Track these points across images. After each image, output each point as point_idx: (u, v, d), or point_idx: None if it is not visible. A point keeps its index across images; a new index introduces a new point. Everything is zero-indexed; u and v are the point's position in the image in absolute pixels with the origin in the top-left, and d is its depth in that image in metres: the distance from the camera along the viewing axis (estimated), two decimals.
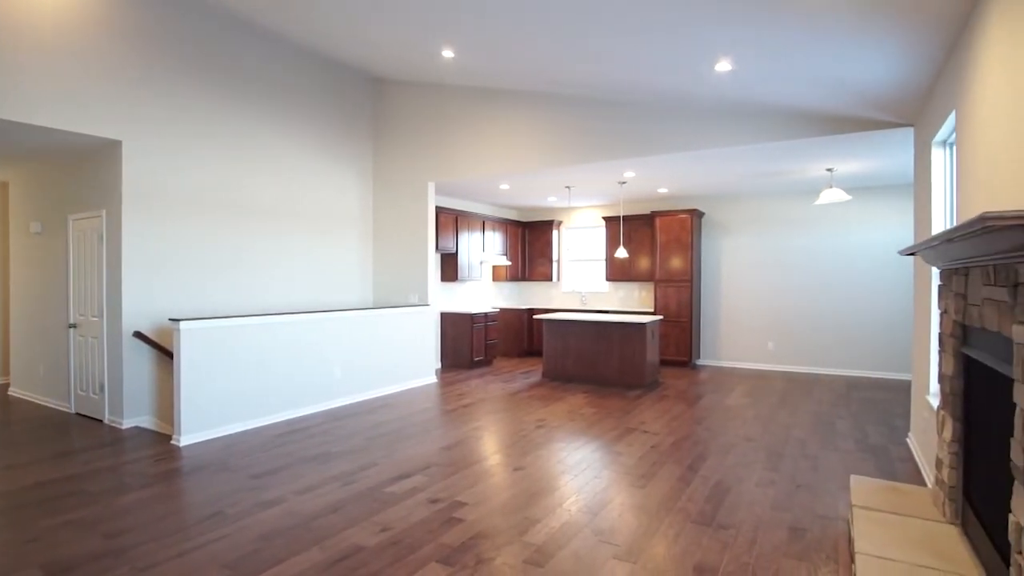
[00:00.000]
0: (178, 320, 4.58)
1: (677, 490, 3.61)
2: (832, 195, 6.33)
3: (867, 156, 5.90)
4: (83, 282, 5.48)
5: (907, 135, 4.98)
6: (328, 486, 3.67)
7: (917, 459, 4.16)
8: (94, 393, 5.39)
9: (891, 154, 5.78)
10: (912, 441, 4.52)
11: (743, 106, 5.24)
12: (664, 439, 4.76)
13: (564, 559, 2.72)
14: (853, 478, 3.04)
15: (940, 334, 2.64)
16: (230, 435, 4.87)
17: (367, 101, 7.55)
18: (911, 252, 2.78)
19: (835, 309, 7.94)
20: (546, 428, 5.11)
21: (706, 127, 5.53)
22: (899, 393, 6.63)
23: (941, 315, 2.64)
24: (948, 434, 2.47)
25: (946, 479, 2.47)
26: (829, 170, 6.59)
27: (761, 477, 3.85)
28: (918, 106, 4.35)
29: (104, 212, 5.17)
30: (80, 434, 4.92)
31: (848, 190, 7.72)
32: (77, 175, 5.52)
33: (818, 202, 6.50)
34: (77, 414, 5.59)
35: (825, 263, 7.99)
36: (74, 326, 5.60)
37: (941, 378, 2.61)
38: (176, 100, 5.36)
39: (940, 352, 2.63)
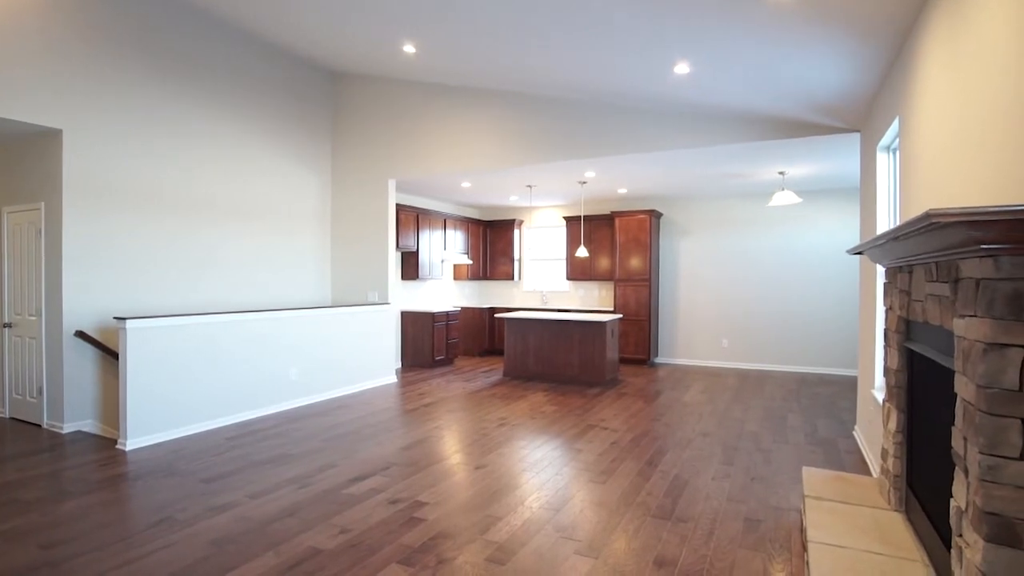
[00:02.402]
0: (124, 319, 4.37)
1: (637, 485, 3.65)
2: (784, 197, 6.54)
3: (817, 160, 6.12)
4: (19, 279, 5.17)
5: (854, 140, 5.19)
6: (283, 489, 3.57)
7: (863, 450, 4.34)
8: (31, 396, 5.10)
9: (839, 158, 6.01)
10: (858, 434, 4.71)
11: (701, 108, 5.36)
12: (624, 435, 4.82)
13: (526, 556, 2.71)
14: (805, 469, 3.15)
15: (885, 330, 2.75)
16: (180, 438, 4.69)
17: (326, 96, 7.39)
18: (858, 251, 2.88)
19: (786, 308, 8.21)
20: (507, 426, 5.11)
21: (665, 128, 5.63)
22: (845, 388, 6.90)
23: (886, 311, 2.76)
24: (893, 425, 2.58)
25: (891, 468, 2.57)
26: (781, 173, 6.81)
27: (717, 471, 3.94)
28: (864, 113, 4.54)
29: (43, 205, 4.90)
30: (15, 439, 4.64)
31: (799, 193, 7.99)
32: (12, 165, 5.21)
33: (770, 204, 6.71)
34: (12, 419, 5.27)
35: (776, 264, 8.26)
36: (9, 325, 5.29)
37: (886, 371, 2.72)
38: (123, 90, 5.12)
39: (885, 347, 2.75)
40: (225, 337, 5.14)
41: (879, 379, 3.97)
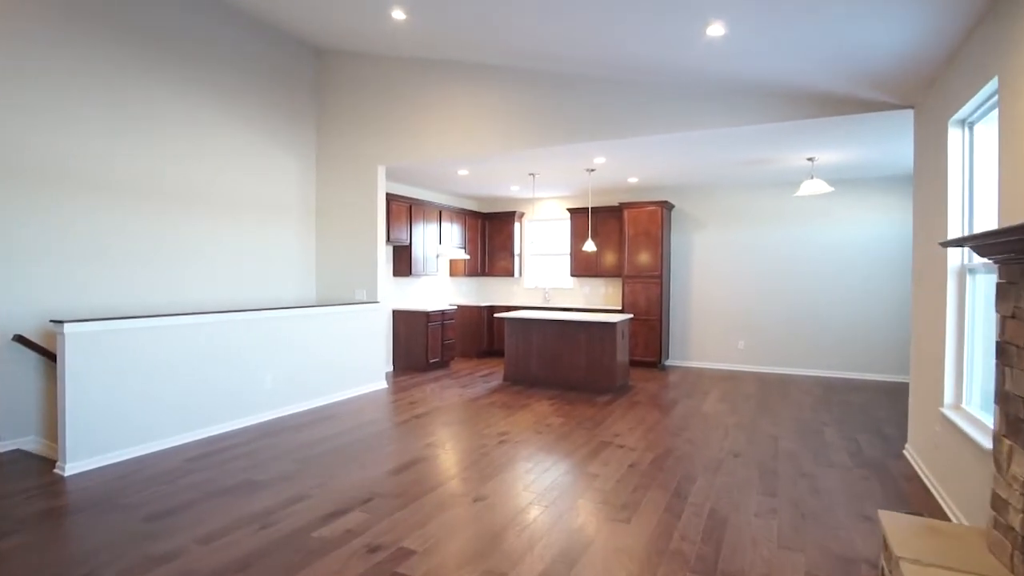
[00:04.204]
0: (61, 322, 3.74)
1: (667, 524, 3.05)
2: (813, 186, 5.93)
3: (853, 144, 5.50)
4: None
5: (901, 120, 4.57)
6: (241, 530, 2.95)
7: (923, 477, 3.74)
8: None
9: (878, 142, 5.40)
10: (912, 454, 4.11)
11: (728, 83, 4.73)
12: (643, 455, 4.22)
13: None
14: (883, 515, 2.54)
15: (1002, 343, 2.15)
16: (131, 460, 4.06)
17: (310, 74, 6.74)
18: (958, 243, 2.28)
19: (808, 307, 7.61)
20: (509, 444, 4.50)
21: (687, 107, 5.00)
22: (877, 395, 6.31)
23: (1001, 320, 2.15)
24: (1020, 470, 1.97)
25: (1016, 526, 1.97)
26: (810, 159, 6.19)
27: (759, 504, 3.33)
28: (924, 83, 3.91)
29: None
30: None
31: (828, 182, 7.37)
32: None
33: (799, 193, 6.10)
34: None
35: (798, 259, 7.65)
36: None
37: (1005, 399, 2.12)
38: (69, 58, 4.48)
39: (1002, 367, 2.14)
40: (188, 342, 4.51)
41: (949, 395, 3.37)
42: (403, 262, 7.83)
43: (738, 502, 3.36)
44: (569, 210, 8.80)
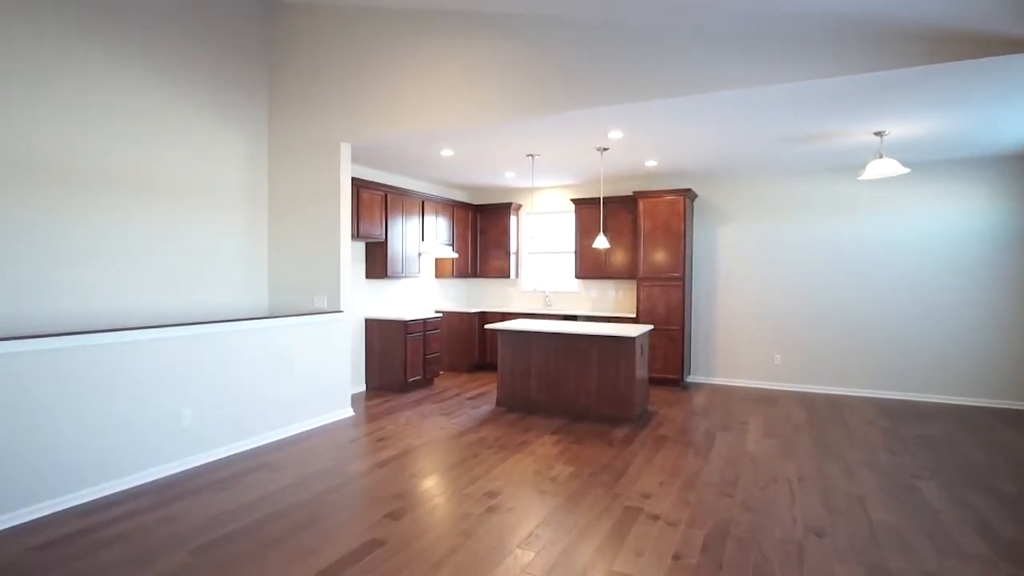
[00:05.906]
0: None
1: None
2: (883, 167, 4.73)
3: (942, 109, 4.28)
4: None
5: (1005, 73, 3.37)
6: None
7: None
8: None
9: (973, 106, 4.19)
10: None
11: (798, 21, 3.51)
12: (688, 535, 3.00)
13: None
14: None
15: None
16: None
17: (260, 32, 5.49)
18: None
19: (859, 316, 6.40)
20: (501, 512, 3.27)
21: (739, 57, 3.77)
22: (956, 425, 5.10)
23: None
24: None
25: None
26: (878, 134, 4.97)
27: None
28: None
29: None
30: None
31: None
32: None
33: (864, 176, 4.87)
34: None
35: (846, 259, 6.44)
36: None
37: None
38: None
39: None
40: (66, 371, 3.28)
41: None
42: (378, 262, 6.60)
43: None
44: (574, 201, 7.57)
